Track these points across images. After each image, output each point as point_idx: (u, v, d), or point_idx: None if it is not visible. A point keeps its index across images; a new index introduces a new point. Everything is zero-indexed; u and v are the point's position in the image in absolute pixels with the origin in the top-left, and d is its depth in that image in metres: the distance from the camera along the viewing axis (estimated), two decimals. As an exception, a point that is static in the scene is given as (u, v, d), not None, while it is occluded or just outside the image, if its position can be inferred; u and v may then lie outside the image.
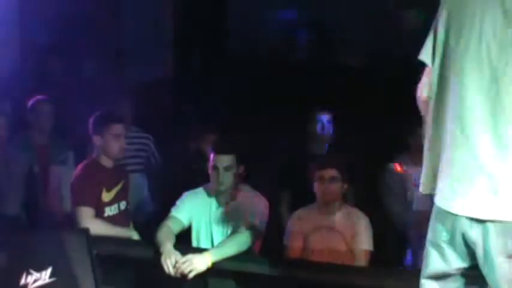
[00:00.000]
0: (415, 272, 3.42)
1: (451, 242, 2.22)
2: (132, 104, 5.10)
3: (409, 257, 4.49)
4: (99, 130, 3.95)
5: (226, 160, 3.68)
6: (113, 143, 3.93)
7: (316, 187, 3.88)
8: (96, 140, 3.96)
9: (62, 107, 4.98)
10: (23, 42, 5.96)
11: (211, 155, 3.73)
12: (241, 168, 3.75)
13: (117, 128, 3.95)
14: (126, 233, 3.96)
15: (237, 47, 7.22)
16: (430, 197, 4.25)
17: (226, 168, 3.68)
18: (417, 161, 4.55)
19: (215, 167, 3.69)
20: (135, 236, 3.97)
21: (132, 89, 5.78)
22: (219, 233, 3.74)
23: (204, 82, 6.71)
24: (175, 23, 7.23)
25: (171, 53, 7.23)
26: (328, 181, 3.84)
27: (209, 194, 3.80)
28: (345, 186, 3.92)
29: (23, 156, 4.61)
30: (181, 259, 3.33)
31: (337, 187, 3.87)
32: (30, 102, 4.88)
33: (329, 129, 4.72)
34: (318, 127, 4.69)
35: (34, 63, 5.86)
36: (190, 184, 3.94)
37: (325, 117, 4.71)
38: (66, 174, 4.51)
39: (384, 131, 5.30)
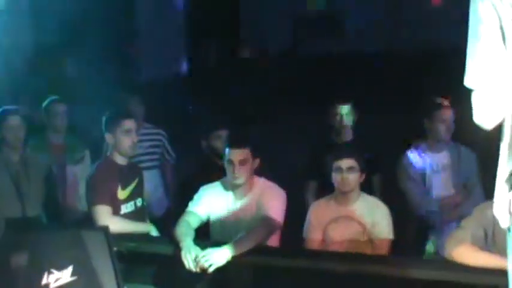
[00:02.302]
0: (435, 260, 3.44)
1: None
2: (144, 100, 5.11)
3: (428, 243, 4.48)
4: (110, 128, 3.96)
5: (241, 154, 3.68)
6: (124, 139, 3.93)
7: (334, 177, 3.86)
8: (109, 138, 3.97)
9: (76, 106, 5.01)
10: (36, 44, 5.98)
11: (226, 149, 3.72)
12: (257, 161, 3.75)
13: (128, 124, 3.95)
14: (144, 228, 3.97)
15: (250, 42, 7.22)
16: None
17: (242, 162, 3.67)
18: (433, 146, 4.59)
19: (230, 161, 3.69)
20: (154, 231, 3.98)
21: (144, 85, 5.79)
22: (237, 226, 3.74)
23: (221, 76, 6.71)
24: (188, 23, 7.25)
25: (183, 51, 7.25)
26: (346, 171, 3.83)
27: (226, 188, 3.80)
28: (363, 175, 3.91)
29: (41, 157, 4.63)
30: (201, 254, 3.33)
31: (355, 177, 3.85)
32: (44, 103, 4.91)
33: (349, 120, 4.71)
34: (339, 117, 4.69)
35: (48, 64, 5.88)
36: (206, 179, 3.94)
37: (344, 109, 4.70)
38: (83, 174, 4.53)
39: (402, 119, 5.27)
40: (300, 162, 4.87)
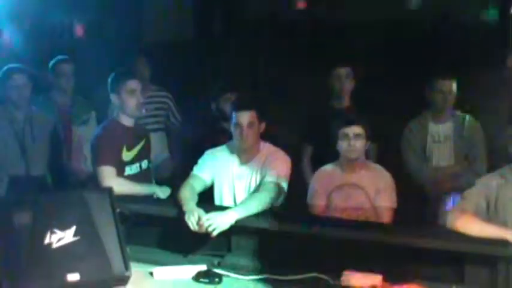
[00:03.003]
0: (437, 230, 3.44)
1: None
2: (150, 62, 5.08)
3: (429, 211, 4.49)
4: (115, 88, 3.94)
5: (247, 117, 3.66)
6: (129, 99, 3.92)
7: (340, 144, 3.85)
8: (114, 98, 3.96)
9: (83, 67, 4.98)
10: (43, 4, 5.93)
11: (233, 113, 3.70)
12: (263, 125, 3.73)
13: (132, 84, 3.94)
14: (149, 190, 3.96)
15: (254, 5, 7.15)
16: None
17: (249, 125, 3.66)
18: (436, 117, 4.56)
19: (237, 125, 3.67)
20: (159, 192, 3.96)
21: (150, 47, 5.75)
22: (241, 191, 3.74)
23: (224, 40, 6.67)
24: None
25: (190, 13, 7.19)
26: (353, 138, 3.81)
27: (231, 152, 3.79)
28: (368, 143, 3.90)
29: (46, 116, 4.63)
30: (205, 217, 3.33)
31: (361, 144, 3.84)
32: (51, 63, 4.88)
33: (349, 84, 4.69)
34: (338, 82, 4.66)
35: (55, 23, 5.84)
36: (211, 142, 3.93)
37: (345, 72, 4.68)
38: (89, 135, 4.53)
39: (404, 88, 5.24)
40: (297, 125, 4.87)
